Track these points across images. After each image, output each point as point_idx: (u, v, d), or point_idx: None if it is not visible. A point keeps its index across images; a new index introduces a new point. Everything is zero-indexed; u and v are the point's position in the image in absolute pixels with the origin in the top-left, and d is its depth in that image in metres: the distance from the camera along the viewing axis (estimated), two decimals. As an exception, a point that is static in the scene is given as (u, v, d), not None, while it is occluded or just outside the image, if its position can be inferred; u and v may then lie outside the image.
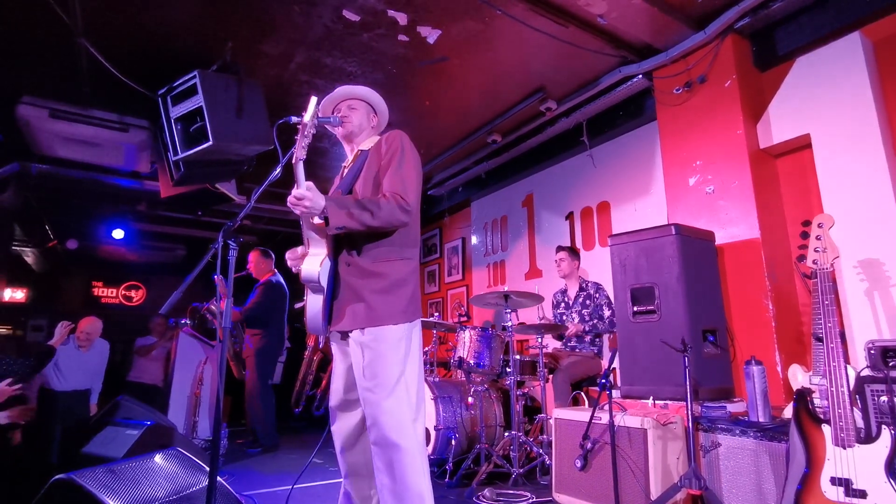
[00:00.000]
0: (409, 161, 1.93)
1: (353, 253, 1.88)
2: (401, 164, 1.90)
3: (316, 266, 1.81)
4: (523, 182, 5.54)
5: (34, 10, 3.12)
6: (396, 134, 2.00)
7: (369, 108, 2.17)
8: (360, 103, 2.15)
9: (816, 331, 1.99)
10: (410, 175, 1.90)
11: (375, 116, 2.19)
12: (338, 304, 1.87)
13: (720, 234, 3.23)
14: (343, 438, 1.94)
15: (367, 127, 2.15)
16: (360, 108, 2.13)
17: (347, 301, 1.84)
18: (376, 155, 1.98)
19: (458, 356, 3.56)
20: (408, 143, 1.98)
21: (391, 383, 1.77)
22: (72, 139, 4.28)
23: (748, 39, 3.47)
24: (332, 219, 1.74)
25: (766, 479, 2.20)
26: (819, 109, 3.09)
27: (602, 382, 2.44)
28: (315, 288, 1.84)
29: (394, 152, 1.93)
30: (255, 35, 3.50)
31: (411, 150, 1.98)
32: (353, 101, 2.14)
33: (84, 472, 1.84)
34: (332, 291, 1.87)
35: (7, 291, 7.55)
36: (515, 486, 3.07)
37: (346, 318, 1.84)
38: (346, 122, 2.09)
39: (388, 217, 1.79)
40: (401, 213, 1.81)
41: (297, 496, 3.08)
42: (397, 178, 1.87)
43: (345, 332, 1.88)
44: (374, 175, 1.94)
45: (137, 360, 5.93)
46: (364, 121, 2.13)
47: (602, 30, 3.47)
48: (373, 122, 2.17)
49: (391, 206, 1.79)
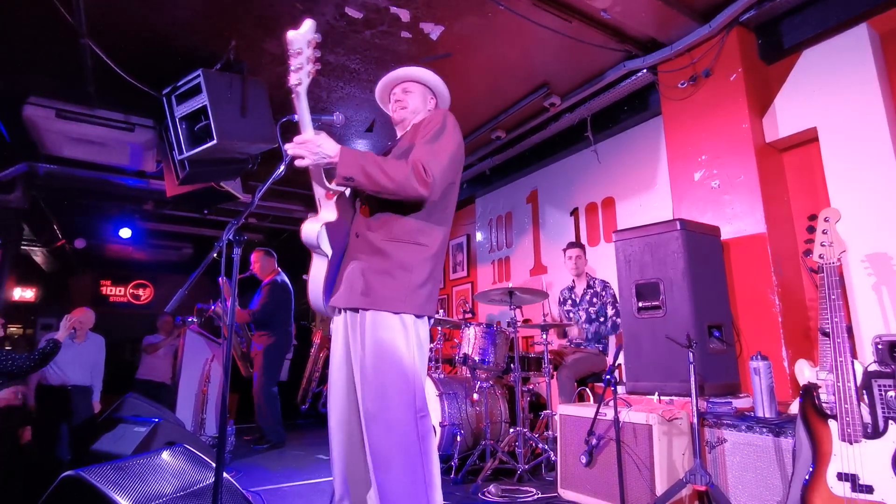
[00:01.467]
0: (447, 138, 1.75)
1: (365, 225, 1.74)
2: (435, 138, 1.73)
3: (316, 227, 1.67)
4: (528, 178, 5.53)
5: (39, 11, 3.13)
6: (442, 111, 1.85)
7: (426, 90, 2.00)
8: (417, 86, 1.98)
9: (823, 326, 1.97)
10: (443, 150, 1.72)
11: (433, 98, 2.01)
12: (339, 277, 1.74)
13: (726, 228, 3.21)
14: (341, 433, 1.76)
15: (422, 111, 1.96)
16: (415, 90, 1.97)
17: (348, 275, 1.71)
18: (415, 129, 1.83)
19: (463, 353, 3.57)
20: (451, 121, 1.80)
21: (385, 378, 1.62)
22: (78, 139, 4.31)
23: (754, 32, 3.43)
24: (341, 166, 1.57)
25: (773, 474, 2.19)
26: (826, 103, 3.06)
27: (607, 378, 2.43)
28: (316, 251, 1.72)
29: (433, 126, 1.76)
30: (259, 33, 3.50)
31: (453, 128, 1.80)
32: (408, 84, 1.98)
33: (92, 468, 1.86)
34: (338, 262, 1.75)
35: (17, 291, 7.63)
36: (521, 482, 3.08)
37: (342, 292, 1.71)
38: (400, 106, 1.94)
39: (402, 183, 1.61)
40: (417, 184, 1.62)
41: (303, 492, 3.10)
42: (426, 149, 1.69)
43: (341, 310, 1.75)
44: (407, 147, 1.77)
45: (145, 358, 5.99)
46: (420, 104, 1.96)
47: (606, 24, 3.45)
48: (430, 104, 1.99)
49: (409, 171, 1.61)
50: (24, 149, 4.72)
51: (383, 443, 1.60)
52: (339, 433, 1.75)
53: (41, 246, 7.64)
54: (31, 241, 7.44)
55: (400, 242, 1.71)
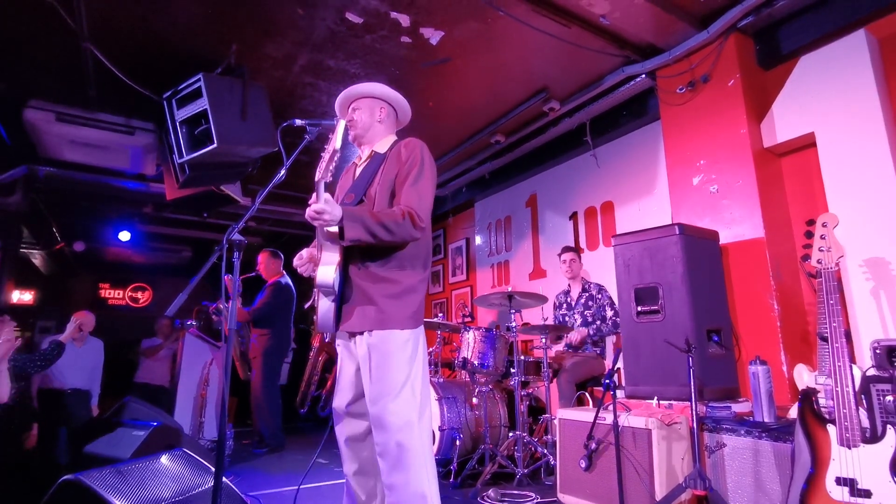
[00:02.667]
0: (427, 175, 1.94)
1: (366, 258, 1.90)
2: (418, 179, 1.91)
3: (331, 273, 1.84)
4: (527, 182, 5.54)
5: (40, 15, 3.14)
6: (416, 144, 1.99)
7: (373, 101, 2.11)
8: (363, 101, 2.11)
9: (822, 330, 1.98)
10: (427, 190, 1.93)
11: (383, 108, 2.12)
12: (347, 307, 1.89)
13: (724, 233, 3.22)
14: (349, 438, 1.94)
15: (373, 122, 2.09)
16: (362, 106, 2.10)
17: (357, 303, 1.87)
18: (395, 162, 1.97)
19: (463, 357, 3.57)
20: (427, 156, 1.98)
21: (397, 385, 1.79)
22: (78, 142, 4.32)
23: (752, 38, 3.45)
24: (347, 232, 1.75)
25: (772, 479, 2.20)
26: (824, 108, 3.08)
27: (606, 383, 2.44)
28: (328, 293, 1.86)
29: (413, 163, 1.93)
30: (259, 38, 3.51)
31: (430, 163, 1.98)
32: (356, 103, 2.11)
33: (91, 472, 1.86)
34: (341, 293, 1.89)
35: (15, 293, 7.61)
36: (520, 486, 3.07)
37: (355, 319, 1.86)
38: (352, 126, 2.08)
39: (402, 234, 1.83)
40: (414, 231, 1.84)
41: (302, 496, 3.10)
42: (414, 193, 1.89)
43: (353, 333, 1.90)
44: (390, 183, 1.95)
45: (144, 362, 5.97)
46: (368, 118, 2.09)
47: (605, 30, 3.46)
48: (379, 115, 2.10)
49: (406, 223, 1.82)
50: (24, 152, 4.72)
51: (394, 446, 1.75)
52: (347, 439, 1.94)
53: (40, 249, 7.63)
54: (31, 244, 7.43)
55: (403, 269, 1.91)
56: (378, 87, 2.12)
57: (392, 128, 2.17)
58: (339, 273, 1.87)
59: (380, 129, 2.11)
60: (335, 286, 1.84)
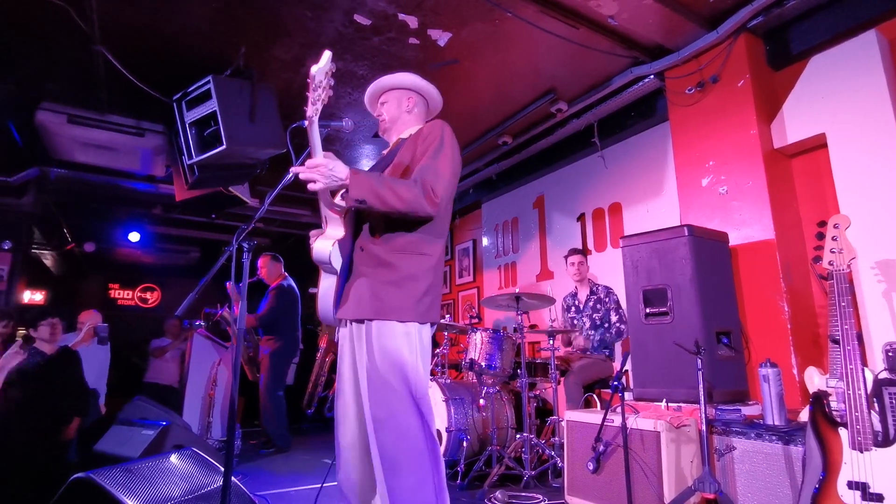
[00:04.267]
0: (447, 153, 1.79)
1: (369, 238, 1.78)
2: (437, 154, 1.77)
3: (328, 246, 1.71)
4: (534, 183, 5.53)
5: (53, 18, 3.18)
6: (438, 124, 1.86)
7: (401, 92, 2.03)
8: (391, 94, 2.03)
9: (833, 333, 1.96)
10: (445, 167, 1.77)
11: (411, 98, 2.03)
12: (346, 290, 1.78)
13: (734, 234, 3.20)
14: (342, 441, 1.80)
15: (401, 113, 2.01)
16: (390, 99, 2.03)
17: (355, 287, 1.74)
18: (413, 143, 1.86)
19: (470, 358, 3.57)
20: (448, 135, 1.84)
21: (392, 385, 1.65)
22: (89, 144, 4.36)
23: (761, 39, 3.43)
24: (353, 188, 1.61)
25: (782, 483, 2.17)
26: (834, 109, 3.05)
27: (614, 385, 2.43)
28: (327, 268, 1.76)
29: (431, 141, 1.80)
30: (268, 40, 3.54)
31: (451, 142, 1.84)
32: (383, 96, 2.04)
33: (102, 471, 1.88)
34: (345, 276, 1.79)
35: (27, 293, 7.69)
36: (527, 488, 3.06)
37: (350, 304, 1.74)
38: (381, 120, 2.01)
39: (413, 203, 1.66)
40: (427, 204, 1.67)
41: (309, 496, 3.11)
42: (431, 168, 1.74)
43: (351, 322, 1.79)
44: (406, 163, 1.82)
45: (153, 362, 6.01)
46: (396, 110, 2.01)
47: (613, 30, 3.46)
48: (407, 105, 2.02)
49: (418, 192, 1.66)
50: (36, 153, 4.78)
51: (392, 447, 1.63)
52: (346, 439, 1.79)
53: (51, 249, 7.71)
54: (42, 245, 7.51)
55: (405, 254, 1.75)
56: (405, 77, 2.03)
57: (422, 117, 2.07)
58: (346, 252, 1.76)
59: (408, 119, 2.02)
60: (331, 260, 1.72)
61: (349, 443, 1.78)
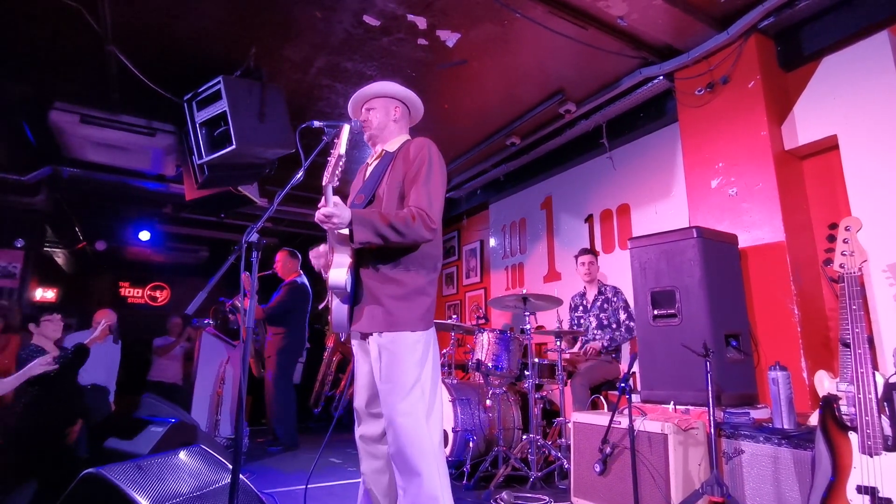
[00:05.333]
0: (436, 175, 1.92)
1: (376, 260, 1.90)
2: (428, 179, 1.89)
3: (343, 275, 1.84)
4: (542, 184, 5.52)
5: (66, 19, 3.22)
6: (424, 143, 1.97)
7: (388, 101, 2.11)
8: (378, 101, 2.10)
9: (844, 336, 1.94)
10: (437, 190, 1.90)
11: (398, 108, 2.11)
12: (358, 307, 1.90)
13: (743, 237, 3.18)
14: (363, 437, 1.96)
15: (388, 122, 2.09)
16: (377, 106, 2.09)
17: (367, 304, 1.87)
18: (403, 161, 1.96)
19: (477, 358, 3.57)
20: (436, 155, 1.96)
21: (407, 387, 1.79)
22: (101, 143, 4.41)
23: (772, 39, 3.41)
24: (356, 235, 1.76)
25: (791, 487, 2.16)
26: (846, 110, 3.02)
27: (622, 386, 2.42)
28: (340, 294, 1.87)
29: (421, 163, 1.91)
30: (278, 40, 3.56)
31: (439, 162, 1.96)
32: (370, 102, 2.11)
33: (112, 466, 1.90)
34: (353, 294, 1.90)
35: (39, 291, 7.78)
36: (533, 489, 3.06)
37: (364, 320, 1.86)
38: (367, 126, 2.08)
39: (413, 236, 1.82)
40: (426, 232, 1.83)
41: (316, 495, 3.12)
42: (424, 194, 1.87)
43: (365, 334, 1.92)
44: (398, 183, 1.94)
45: (157, 360, 6.05)
46: (383, 117, 2.08)
47: (622, 31, 3.44)
48: (394, 114, 2.10)
49: (417, 225, 1.81)
50: (48, 152, 4.84)
51: (404, 449, 1.75)
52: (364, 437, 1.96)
53: (63, 247, 7.80)
54: (54, 243, 7.60)
55: (410, 270, 1.90)
56: (392, 85, 2.11)
57: (405, 127, 2.16)
58: (351, 274, 1.88)
59: (394, 128, 2.10)
60: (347, 287, 1.85)
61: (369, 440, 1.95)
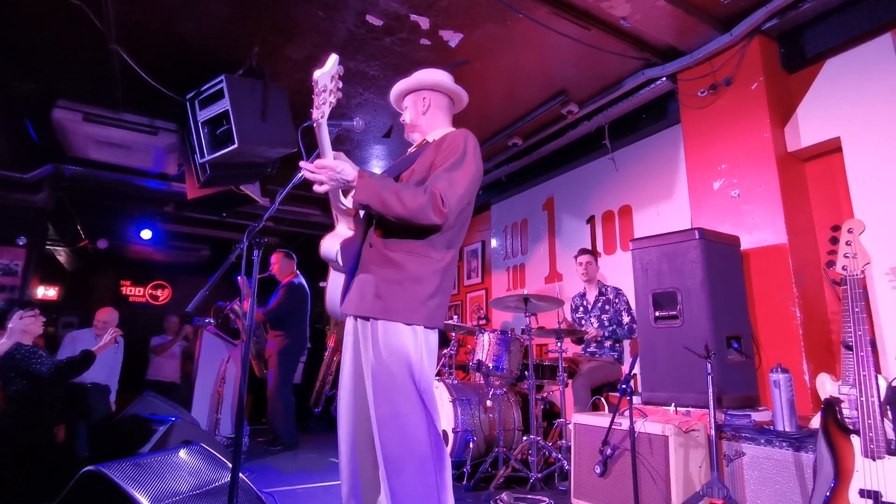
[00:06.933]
0: (468, 166, 1.76)
1: (377, 236, 1.78)
2: (455, 166, 1.74)
3: (335, 244, 1.73)
4: (544, 185, 5.52)
5: (69, 17, 3.22)
6: (462, 133, 1.84)
7: (416, 95, 2.02)
8: (408, 98, 2.03)
9: (846, 339, 1.94)
10: (461, 179, 1.73)
11: (425, 98, 2.00)
12: (353, 285, 1.79)
13: (746, 238, 3.17)
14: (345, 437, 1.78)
15: (418, 116, 2.00)
16: (408, 105, 2.03)
17: (360, 284, 1.75)
18: (435, 150, 1.83)
19: (477, 359, 3.56)
20: (472, 146, 1.81)
21: (397, 384, 1.65)
22: (104, 142, 4.41)
23: (776, 41, 3.40)
24: (358, 193, 1.62)
25: (792, 490, 2.15)
26: (849, 112, 3.02)
27: (623, 388, 2.41)
28: (334, 266, 1.78)
29: (454, 151, 1.78)
30: (281, 40, 3.56)
31: (474, 154, 1.81)
32: (404, 101, 2.05)
33: (112, 464, 1.90)
34: (353, 271, 1.80)
35: (40, 289, 7.79)
36: (533, 490, 3.05)
37: (353, 300, 1.75)
38: (406, 126, 2.03)
39: (417, 212, 1.64)
40: (433, 213, 1.65)
41: (317, 494, 3.12)
42: (444, 178, 1.71)
43: (357, 318, 1.79)
44: (425, 169, 1.81)
45: (154, 359, 6.05)
46: (413, 115, 2.00)
47: (625, 32, 3.44)
48: (422, 106, 1.99)
49: (425, 201, 1.64)
50: (51, 151, 4.85)
51: (395, 447, 1.62)
52: (348, 438, 1.77)
53: (65, 246, 7.81)
54: (56, 241, 7.61)
55: (411, 254, 1.74)
56: (417, 77, 2.01)
57: (444, 115, 2.03)
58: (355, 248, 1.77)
59: (427, 119, 1.99)
60: (338, 258, 1.73)
61: (352, 442, 1.76)
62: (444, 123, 2.02)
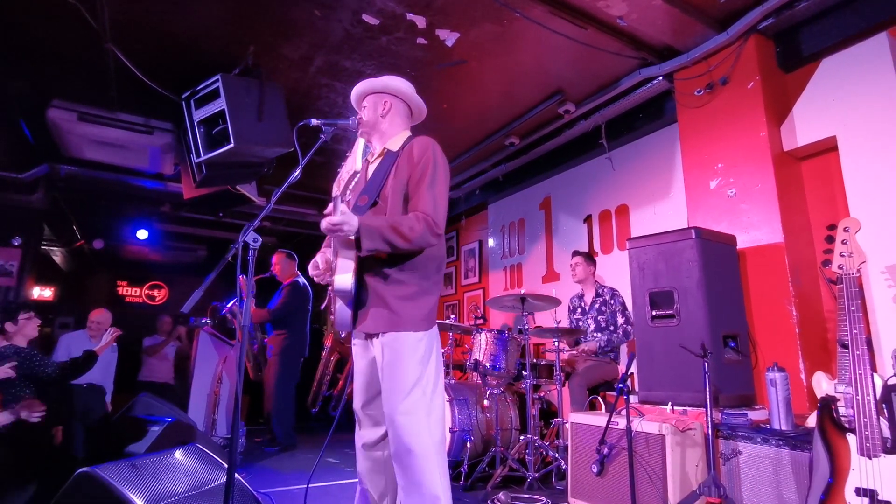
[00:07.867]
0: (441, 177, 1.92)
1: (380, 262, 1.89)
2: (433, 182, 1.89)
3: (349, 280, 1.84)
4: (541, 185, 5.52)
5: (64, 16, 3.21)
6: (429, 144, 1.95)
7: (377, 96, 2.08)
8: (369, 98, 2.09)
9: (842, 337, 1.94)
10: (441, 194, 1.90)
11: (386, 102, 2.07)
12: (363, 309, 1.89)
13: (742, 237, 3.18)
14: (362, 438, 1.96)
15: (377, 118, 2.06)
16: (368, 104, 2.08)
17: (372, 305, 1.87)
18: (407, 162, 1.94)
19: (474, 358, 3.56)
20: (440, 157, 1.95)
21: (409, 386, 1.78)
22: (99, 142, 4.40)
23: (772, 40, 3.40)
24: (365, 243, 1.75)
25: (789, 488, 2.15)
26: (845, 111, 3.02)
27: (619, 387, 2.41)
28: (345, 297, 1.87)
29: (426, 165, 1.90)
30: (277, 39, 3.55)
31: (444, 163, 1.96)
32: (364, 101, 2.11)
33: (107, 465, 1.89)
34: (356, 296, 1.89)
35: (36, 290, 7.75)
36: (531, 490, 3.05)
37: (370, 320, 1.86)
38: (361, 124, 2.08)
39: (419, 241, 1.81)
40: (431, 238, 1.83)
41: (313, 495, 3.11)
42: (429, 198, 1.86)
43: (369, 335, 1.91)
44: (402, 185, 1.92)
45: (147, 360, 6.01)
46: (372, 114, 2.06)
47: (622, 31, 3.44)
48: (382, 109, 2.06)
49: (423, 231, 1.80)
50: (46, 150, 4.83)
51: (406, 448, 1.74)
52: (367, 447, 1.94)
53: (61, 246, 7.78)
54: (51, 241, 7.58)
55: (415, 272, 1.89)
56: (381, 80, 2.08)
57: (402, 122, 2.10)
58: (355, 277, 1.87)
59: (385, 123, 2.06)
60: (353, 291, 1.85)
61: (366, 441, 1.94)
62: (403, 129, 2.09)
